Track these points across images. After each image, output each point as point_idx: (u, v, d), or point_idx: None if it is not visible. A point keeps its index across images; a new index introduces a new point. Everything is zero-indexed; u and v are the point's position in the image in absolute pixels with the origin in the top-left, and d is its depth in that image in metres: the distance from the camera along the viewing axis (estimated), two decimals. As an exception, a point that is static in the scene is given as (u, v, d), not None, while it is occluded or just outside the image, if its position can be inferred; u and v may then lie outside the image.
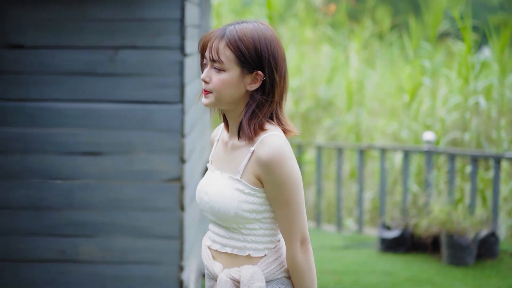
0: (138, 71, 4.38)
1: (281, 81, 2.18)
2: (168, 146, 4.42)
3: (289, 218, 2.16)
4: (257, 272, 2.21)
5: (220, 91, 2.17)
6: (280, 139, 2.14)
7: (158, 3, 4.33)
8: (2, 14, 4.38)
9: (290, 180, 2.13)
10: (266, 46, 2.15)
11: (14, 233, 4.51)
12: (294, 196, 2.14)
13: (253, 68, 2.14)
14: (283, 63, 2.20)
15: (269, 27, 2.21)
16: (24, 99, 4.43)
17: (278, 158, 2.11)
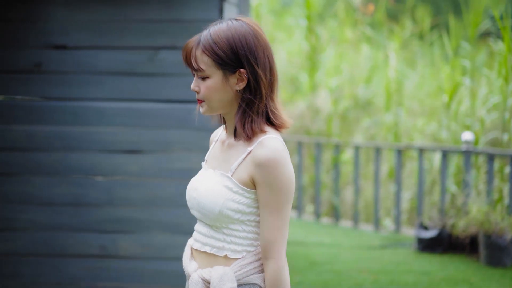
0: (177, 71, 4.46)
1: (266, 73, 2.11)
2: (206, 144, 4.48)
3: (278, 226, 2.07)
4: (227, 273, 2.13)
5: (209, 98, 2.14)
6: (280, 143, 2.09)
7: (197, 4, 4.41)
8: (46, 15, 4.51)
9: (284, 186, 2.06)
10: (241, 42, 2.08)
11: (56, 229, 4.63)
12: (285, 204, 2.07)
13: (234, 68, 2.08)
14: (265, 54, 2.11)
15: (246, 21, 2.13)
16: (66, 98, 4.55)
17: (276, 161, 2.05)
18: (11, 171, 4.61)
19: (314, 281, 6.20)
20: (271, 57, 2.13)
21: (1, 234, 4.66)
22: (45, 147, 4.58)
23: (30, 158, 4.60)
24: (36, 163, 4.60)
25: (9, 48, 4.56)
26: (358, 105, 10.78)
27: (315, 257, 7.11)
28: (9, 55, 4.55)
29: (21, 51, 4.55)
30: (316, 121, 10.78)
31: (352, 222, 9.02)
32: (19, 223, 4.64)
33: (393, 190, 9.09)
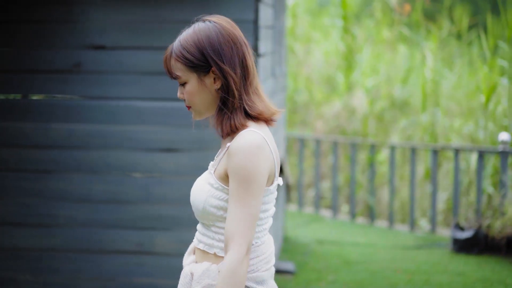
0: (213, 71, 4.52)
1: (236, 69, 2.11)
2: (241, 143, 4.54)
3: (240, 218, 2.02)
4: (210, 270, 2.13)
5: (192, 103, 2.17)
6: (254, 135, 2.05)
7: (232, 5, 4.46)
8: (85, 17, 4.60)
9: (250, 176, 2.02)
10: (204, 41, 2.10)
11: (94, 226, 4.73)
12: (250, 196, 2.02)
13: (206, 68, 2.10)
14: (233, 49, 2.12)
15: (214, 19, 2.17)
16: (105, 98, 4.64)
17: (244, 150, 2.02)
18: (50, 169, 4.72)
19: (348, 280, 6.22)
20: (242, 52, 2.12)
21: (41, 230, 4.76)
22: (84, 145, 4.68)
23: (69, 156, 4.70)
24: (75, 161, 4.69)
25: (49, 49, 4.66)
26: (395, 105, 10.75)
27: (350, 256, 7.12)
28: (49, 55, 4.65)
29: (60, 52, 4.65)
30: (352, 121, 10.78)
31: (388, 222, 9.01)
32: (58, 219, 4.75)
33: (429, 191, 9.06)
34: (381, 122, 10.61)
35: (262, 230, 2.16)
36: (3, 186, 4.77)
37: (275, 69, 5.81)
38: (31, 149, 4.72)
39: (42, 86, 4.71)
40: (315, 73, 12.40)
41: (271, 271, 2.20)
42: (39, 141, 4.71)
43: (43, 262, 4.78)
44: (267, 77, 5.17)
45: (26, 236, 4.78)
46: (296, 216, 9.49)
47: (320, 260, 6.99)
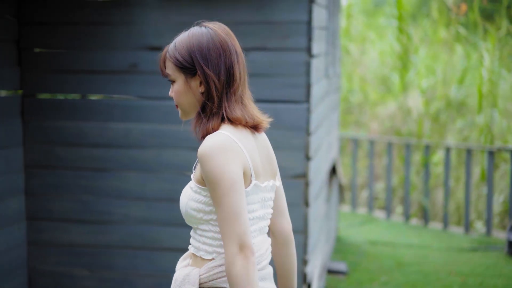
0: (267, 72, 4.56)
1: (220, 75, 2.15)
2: (294, 143, 4.58)
3: (222, 219, 2.03)
4: (191, 275, 2.17)
5: (179, 102, 2.22)
6: (217, 137, 2.09)
7: (287, 6, 4.49)
8: (142, 18, 4.69)
9: (216, 178, 2.03)
10: (195, 45, 2.16)
11: (149, 223, 4.81)
12: (224, 196, 2.03)
13: (193, 71, 2.16)
14: (221, 56, 2.17)
15: (210, 25, 2.22)
16: (160, 98, 4.72)
17: (206, 154, 2.05)
18: (108, 167, 4.82)
19: (401, 281, 6.19)
20: (230, 60, 2.18)
21: (98, 227, 4.88)
22: (140, 144, 4.77)
23: (125, 155, 4.80)
24: (131, 159, 4.79)
25: (107, 50, 4.77)
26: (451, 106, 10.63)
27: (403, 258, 7.09)
28: (107, 56, 4.76)
29: (118, 52, 4.75)
30: (407, 122, 10.70)
31: (442, 224, 8.92)
32: (114, 216, 4.85)
33: (485, 193, 8.94)
34: (437, 123, 10.50)
35: None
36: (61, 183, 4.90)
37: (329, 70, 5.82)
38: (89, 148, 4.84)
39: (100, 86, 4.82)
40: (370, 73, 12.34)
41: (260, 274, 2.19)
42: (96, 140, 4.82)
43: (99, 258, 4.89)
44: (320, 78, 5.19)
45: (83, 232, 4.90)
46: (349, 216, 9.47)
47: (372, 261, 6.98)
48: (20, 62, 4.86)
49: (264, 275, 2.21)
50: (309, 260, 4.74)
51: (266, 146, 2.27)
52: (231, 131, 2.11)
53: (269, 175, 2.23)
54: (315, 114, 4.79)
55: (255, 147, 2.16)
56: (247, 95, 2.22)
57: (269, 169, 2.23)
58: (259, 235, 2.21)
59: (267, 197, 2.21)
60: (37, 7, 4.82)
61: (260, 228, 2.21)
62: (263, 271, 2.22)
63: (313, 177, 4.79)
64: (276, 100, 4.57)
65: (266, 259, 2.23)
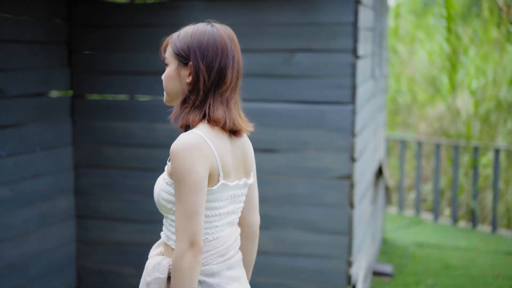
0: (312, 73, 4.57)
1: (211, 72, 2.22)
2: (339, 145, 4.58)
3: (180, 215, 2.11)
4: (161, 264, 2.27)
5: (165, 86, 2.30)
6: (191, 136, 2.16)
7: (332, 8, 4.49)
8: (188, 20, 4.73)
9: (182, 176, 2.11)
10: (196, 38, 2.24)
11: (196, 223, 4.86)
12: (185, 194, 2.11)
13: (186, 60, 2.24)
14: (218, 56, 2.23)
15: (218, 26, 2.29)
16: (207, 99, 4.76)
17: (177, 152, 2.12)
18: (154, 167, 4.89)
19: (447, 284, 6.13)
20: (225, 63, 2.24)
21: (144, 226, 4.94)
22: (186, 145, 4.81)
23: (172, 155, 4.84)
24: (178, 159, 4.83)
25: (154, 51, 4.82)
26: (501, 107, 10.47)
27: (450, 260, 7.01)
28: (154, 57, 4.82)
29: (165, 54, 4.80)
30: (456, 123, 10.57)
31: (491, 227, 8.79)
32: (160, 216, 4.90)
33: (536, 195, 8.79)
34: (486, 124, 10.36)
35: (212, 227, 2.26)
36: (109, 183, 4.98)
37: (375, 71, 5.80)
38: (136, 148, 4.90)
39: (147, 87, 4.88)
40: (419, 73, 12.22)
41: (226, 263, 2.31)
42: (143, 140, 4.89)
43: (145, 257, 4.94)
44: (366, 79, 5.18)
45: (130, 231, 4.97)
46: (396, 218, 9.40)
47: (419, 264, 6.92)
48: (70, 63, 4.96)
49: (231, 264, 2.33)
50: (354, 262, 4.74)
51: (243, 147, 2.35)
52: (205, 131, 2.19)
53: (242, 174, 2.33)
54: (360, 116, 4.78)
55: (228, 148, 2.24)
56: (235, 100, 2.29)
57: (243, 169, 2.33)
58: (228, 228, 2.33)
59: (238, 193, 2.32)
60: (86, 10, 4.91)
61: (229, 222, 2.32)
62: (231, 260, 2.34)
63: (358, 179, 4.78)
64: (321, 102, 4.57)
65: (234, 248, 2.35)
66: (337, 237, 4.63)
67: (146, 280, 2.29)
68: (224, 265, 2.29)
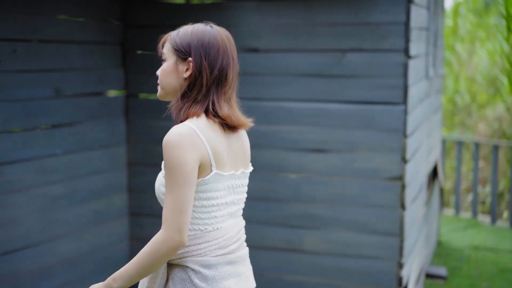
0: (364, 73, 4.55)
1: (214, 70, 2.28)
2: (391, 145, 4.55)
3: (169, 204, 2.16)
4: None
5: (161, 80, 2.35)
6: (182, 128, 2.20)
7: (384, 7, 4.46)
8: (240, 20, 4.77)
9: (172, 167, 2.16)
10: (198, 36, 2.30)
11: (248, 222, 4.89)
12: (175, 186, 2.16)
13: (185, 55, 2.30)
14: (220, 55, 2.29)
15: (216, 27, 2.34)
16: (258, 99, 4.79)
17: (168, 143, 2.17)
18: (206, 166, 4.93)
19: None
20: (226, 62, 2.31)
21: (197, 224, 4.99)
22: (238, 144, 4.84)
23: (224, 154, 4.88)
24: (229, 159, 4.87)
25: (207, 51, 4.87)
26: None
27: (507, 264, 6.89)
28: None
29: (217, 54, 4.84)
30: (515, 125, 10.37)
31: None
32: (212, 214, 4.95)
33: None
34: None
35: (211, 218, 2.30)
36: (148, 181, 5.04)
37: (429, 71, 5.73)
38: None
39: (200, 87, 4.93)
40: (479, 74, 12.02)
41: (226, 258, 2.33)
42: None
43: (197, 255, 5.00)
44: (420, 79, 5.12)
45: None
46: (452, 220, 9.27)
47: (474, 267, 6.82)
48: (124, 63, 5.05)
49: (232, 259, 2.35)
50: (405, 264, 4.70)
51: (241, 139, 2.40)
52: (196, 123, 2.24)
53: (240, 164, 2.38)
54: (412, 116, 4.74)
55: (222, 139, 2.29)
56: (234, 99, 2.37)
57: (240, 159, 2.38)
58: (230, 219, 2.36)
59: (237, 184, 2.37)
60: (140, 11, 4.99)
61: (230, 213, 2.36)
62: (232, 255, 2.36)
63: (410, 180, 4.74)
64: (372, 102, 4.55)
65: (236, 242, 2.38)
66: (388, 239, 4.60)
67: None
68: (223, 259, 2.33)
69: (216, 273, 2.29)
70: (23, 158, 4.17)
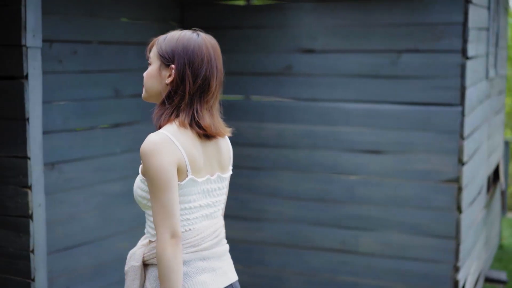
0: (420, 74, 4.51)
1: (197, 78, 2.31)
2: (447, 147, 4.49)
3: (157, 212, 2.24)
4: (136, 253, 2.42)
5: (145, 83, 2.40)
6: (158, 136, 2.26)
7: (441, 7, 4.41)
8: (296, 21, 4.79)
9: (152, 175, 2.22)
10: (182, 44, 2.33)
11: (301, 222, 4.90)
12: (158, 192, 2.23)
13: (168, 62, 2.33)
14: (203, 64, 2.32)
15: (203, 35, 2.37)
16: (314, 99, 4.80)
17: (145, 152, 2.23)
18: (262, 166, 4.97)
19: None
20: (210, 71, 2.34)
21: (253, 224, 5.03)
22: (293, 145, 4.87)
23: (279, 154, 4.91)
24: (285, 159, 4.90)
25: (262, 52, 4.91)
26: None
27: None
28: (262, 58, 4.90)
29: (272, 55, 4.87)
30: None
31: None
32: (268, 214, 4.99)
33: None
34: None
35: (183, 220, 2.35)
36: (219, 180, 5.09)
37: (489, 72, 5.64)
38: (246, 147, 5.00)
39: (256, 88, 4.97)
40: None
41: (198, 254, 2.39)
42: (252, 140, 4.98)
43: (252, 254, 5.04)
44: (479, 80, 5.05)
45: (239, 228, 5.07)
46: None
47: (536, 272, 6.67)
48: (182, 64, 5.11)
49: (205, 255, 2.41)
50: (461, 267, 4.63)
51: (217, 144, 2.44)
52: (171, 131, 2.30)
53: (216, 169, 2.43)
54: (470, 118, 4.67)
55: (197, 146, 2.34)
56: (216, 107, 2.39)
57: (217, 164, 2.43)
58: (204, 221, 2.42)
59: (212, 187, 2.42)
60: (199, 13, 5.06)
61: (205, 215, 2.41)
62: (205, 252, 2.42)
63: (467, 182, 4.67)
64: (429, 103, 4.50)
65: (211, 240, 2.43)
66: (443, 241, 4.55)
67: (125, 270, 2.47)
68: (195, 256, 2.39)
69: (189, 268, 2.36)
70: (82, 157, 4.28)
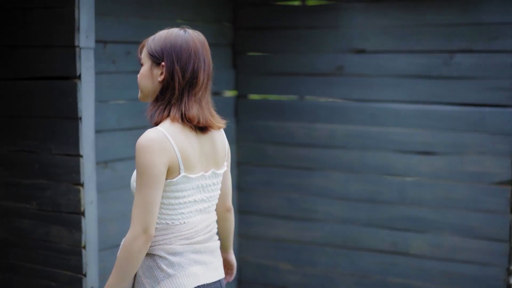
0: (473, 75, 4.45)
1: (185, 74, 2.39)
2: (500, 149, 4.42)
3: (137, 204, 2.32)
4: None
5: (140, 84, 2.48)
6: (155, 133, 2.33)
7: (495, 7, 4.35)
8: (347, 21, 4.78)
9: (140, 169, 2.31)
10: (170, 41, 2.41)
11: (351, 223, 4.89)
12: (144, 186, 2.31)
13: (158, 60, 2.41)
14: (191, 59, 2.40)
15: (190, 31, 2.45)
16: (365, 100, 4.79)
17: (139, 146, 2.32)
18: (313, 166, 4.98)
19: None
20: (197, 66, 2.41)
21: (302, 224, 5.04)
22: (344, 145, 4.86)
23: (330, 155, 4.91)
24: (335, 159, 4.90)
25: (314, 53, 4.92)
26: None
27: None
28: (314, 58, 4.91)
29: (324, 55, 4.88)
30: None
31: None
32: (318, 214, 4.99)
33: None
34: None
35: (178, 214, 2.44)
36: (270, 180, 5.13)
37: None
38: (296, 147, 5.02)
39: (307, 88, 4.98)
40: None
41: (191, 247, 2.47)
42: (303, 140, 4.99)
43: (302, 254, 5.06)
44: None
45: (289, 228, 5.10)
46: None
47: None
48: (235, 64, 5.17)
49: (198, 249, 2.49)
50: (515, 271, 4.56)
51: (212, 140, 2.50)
52: (167, 128, 2.37)
53: (211, 165, 2.49)
54: (524, 119, 4.58)
55: (193, 142, 2.42)
56: (206, 100, 2.47)
57: (212, 160, 2.50)
58: (198, 215, 2.50)
59: (207, 183, 2.49)
60: (251, 13, 5.10)
61: (198, 209, 2.49)
62: (198, 245, 2.50)
63: (523, 185, 4.59)
64: (482, 104, 4.44)
65: (204, 235, 2.51)
66: (496, 244, 4.48)
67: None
68: (189, 248, 2.47)
69: (182, 259, 2.43)
70: (134, 156, 4.36)
